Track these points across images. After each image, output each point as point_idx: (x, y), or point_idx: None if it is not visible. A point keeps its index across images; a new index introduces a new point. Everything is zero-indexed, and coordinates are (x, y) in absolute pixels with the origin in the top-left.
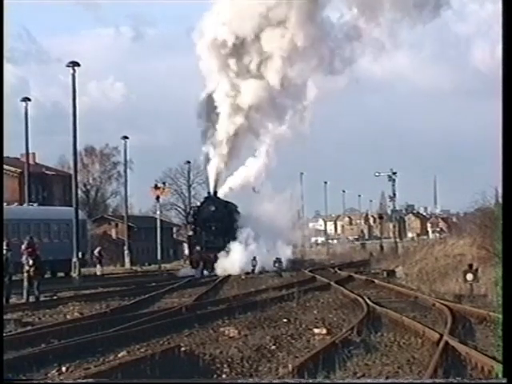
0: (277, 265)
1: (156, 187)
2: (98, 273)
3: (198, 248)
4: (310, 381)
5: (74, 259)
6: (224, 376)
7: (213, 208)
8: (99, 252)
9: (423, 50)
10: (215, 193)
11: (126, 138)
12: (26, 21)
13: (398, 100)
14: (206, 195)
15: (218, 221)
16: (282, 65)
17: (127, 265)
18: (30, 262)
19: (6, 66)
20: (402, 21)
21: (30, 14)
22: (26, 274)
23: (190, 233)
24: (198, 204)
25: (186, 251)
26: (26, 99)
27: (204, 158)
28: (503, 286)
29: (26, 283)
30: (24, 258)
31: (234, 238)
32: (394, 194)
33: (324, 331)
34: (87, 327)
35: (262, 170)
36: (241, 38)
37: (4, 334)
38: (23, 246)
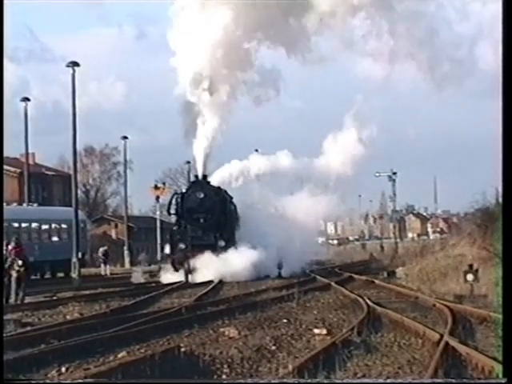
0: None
1: (156, 187)
2: (103, 273)
3: (182, 246)
4: (310, 381)
5: (74, 259)
6: (224, 376)
7: (201, 195)
8: (104, 252)
9: (424, 50)
10: (204, 176)
11: (125, 138)
12: (29, 20)
13: (398, 100)
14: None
15: (207, 211)
16: None
17: (127, 265)
18: (20, 262)
19: (8, 66)
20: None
21: (32, 12)
22: (15, 275)
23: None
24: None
25: (167, 250)
26: (26, 99)
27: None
28: (503, 287)
29: (14, 285)
30: (11, 258)
31: (228, 235)
32: (394, 194)
33: (324, 331)
34: (87, 327)
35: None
36: None
37: (4, 334)
38: (10, 247)
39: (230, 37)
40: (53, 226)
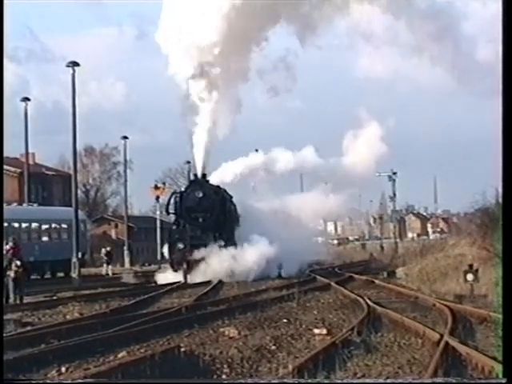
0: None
1: (156, 187)
2: (104, 272)
3: (180, 246)
4: (310, 381)
5: (74, 259)
6: (224, 376)
7: (200, 194)
8: (106, 252)
9: (424, 49)
10: (204, 175)
11: (125, 138)
12: (29, 20)
13: (399, 100)
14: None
15: (206, 211)
16: None
17: (127, 265)
18: (18, 262)
19: (8, 66)
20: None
21: (32, 12)
22: (13, 275)
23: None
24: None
25: (166, 251)
26: (26, 99)
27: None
28: (503, 287)
29: (12, 284)
30: (8, 258)
31: (227, 234)
32: (394, 194)
33: (324, 331)
34: (87, 327)
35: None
36: None
37: (4, 334)
38: (7, 247)
39: (238, 24)
40: (53, 225)
